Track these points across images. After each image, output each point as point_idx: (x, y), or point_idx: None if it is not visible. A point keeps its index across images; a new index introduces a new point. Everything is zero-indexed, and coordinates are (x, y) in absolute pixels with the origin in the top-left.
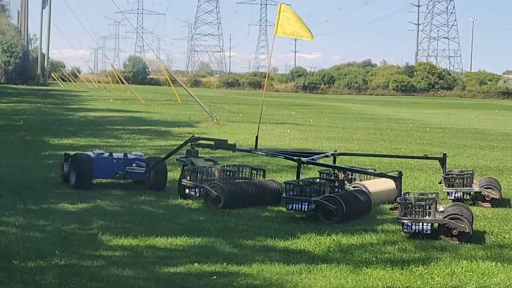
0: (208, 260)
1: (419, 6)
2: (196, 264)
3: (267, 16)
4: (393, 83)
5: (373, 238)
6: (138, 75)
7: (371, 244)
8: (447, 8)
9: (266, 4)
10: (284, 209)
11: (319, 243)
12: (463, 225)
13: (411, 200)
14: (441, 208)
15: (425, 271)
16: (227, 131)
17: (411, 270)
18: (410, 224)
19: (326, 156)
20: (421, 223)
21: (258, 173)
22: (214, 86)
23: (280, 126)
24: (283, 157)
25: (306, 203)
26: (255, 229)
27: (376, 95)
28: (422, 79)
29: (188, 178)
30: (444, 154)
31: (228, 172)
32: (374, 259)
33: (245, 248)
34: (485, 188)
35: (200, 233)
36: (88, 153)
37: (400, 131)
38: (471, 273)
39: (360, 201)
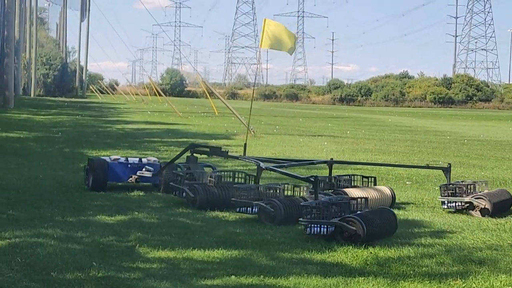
0: (245, 272)
1: (457, 17)
2: (233, 276)
3: (304, 28)
4: (430, 95)
5: (410, 251)
6: (176, 87)
7: (409, 257)
8: (485, 19)
9: (303, 17)
10: None
11: (356, 256)
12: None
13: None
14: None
15: (463, 285)
16: (264, 144)
17: (449, 284)
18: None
19: (324, 163)
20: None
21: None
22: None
23: (317, 138)
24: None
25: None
26: (292, 242)
27: (413, 107)
28: (460, 91)
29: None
30: (449, 164)
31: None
32: (411, 272)
33: (282, 261)
34: (476, 199)
35: (237, 245)
36: (105, 158)
37: (438, 143)
38: (510, 287)
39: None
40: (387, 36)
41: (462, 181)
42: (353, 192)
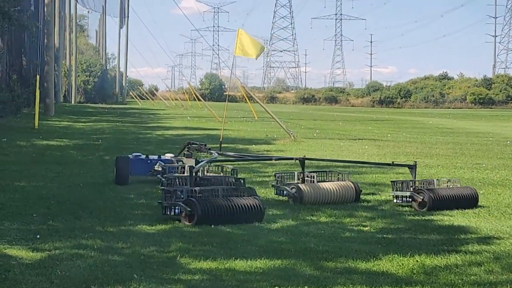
0: (289, 283)
1: (496, 17)
2: (276, 287)
3: (342, 31)
4: (470, 96)
5: (457, 259)
6: (215, 92)
7: (456, 266)
8: None
9: (341, 19)
10: (365, 229)
11: (402, 264)
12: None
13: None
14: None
15: None
16: (304, 148)
17: None
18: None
19: (296, 159)
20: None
21: None
22: (290, 102)
23: (357, 142)
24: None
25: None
26: (336, 250)
27: (453, 108)
28: (500, 91)
29: None
30: (415, 162)
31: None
32: (459, 281)
33: (327, 270)
34: (416, 193)
35: (280, 254)
36: (129, 155)
37: (480, 145)
38: None
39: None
40: (426, 37)
41: (437, 179)
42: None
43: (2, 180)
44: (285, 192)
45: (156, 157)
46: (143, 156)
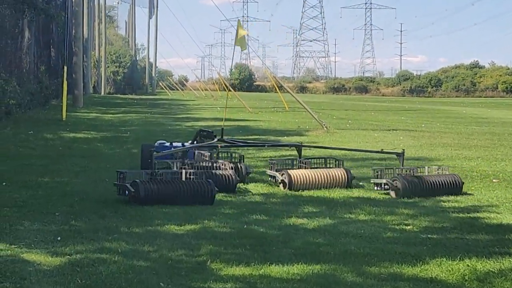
0: None
1: None
2: None
3: (371, 20)
4: (502, 84)
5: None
6: (245, 82)
7: (511, 270)
8: None
9: (370, 9)
10: (407, 228)
11: (452, 269)
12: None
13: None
14: None
15: None
16: (338, 140)
17: None
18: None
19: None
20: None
21: None
22: (320, 92)
23: (391, 133)
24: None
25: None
26: (379, 253)
27: (485, 97)
28: None
29: None
30: (403, 150)
31: None
32: None
33: (370, 277)
34: (392, 180)
35: (318, 258)
36: (154, 144)
37: None
38: None
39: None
40: (457, 26)
41: (429, 167)
42: (294, 173)
43: (26, 176)
44: (277, 178)
45: (180, 144)
46: (168, 143)
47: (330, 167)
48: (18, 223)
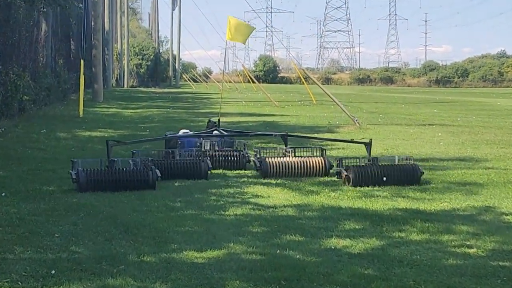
0: None
1: None
2: None
3: (396, 10)
4: None
5: None
6: (269, 73)
7: None
8: None
9: None
10: (471, 251)
11: None
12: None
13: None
14: None
15: None
16: (372, 137)
17: None
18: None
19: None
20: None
21: None
22: (345, 83)
23: (428, 128)
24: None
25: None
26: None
27: None
28: None
29: None
30: (370, 140)
31: None
32: None
33: None
34: (345, 170)
35: None
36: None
37: None
38: None
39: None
40: (482, 15)
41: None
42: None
43: (30, 184)
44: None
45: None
46: (191, 133)
47: (313, 156)
48: (8, 249)
